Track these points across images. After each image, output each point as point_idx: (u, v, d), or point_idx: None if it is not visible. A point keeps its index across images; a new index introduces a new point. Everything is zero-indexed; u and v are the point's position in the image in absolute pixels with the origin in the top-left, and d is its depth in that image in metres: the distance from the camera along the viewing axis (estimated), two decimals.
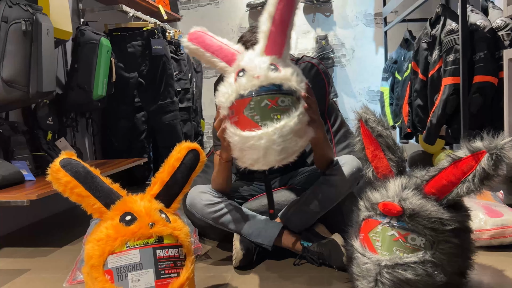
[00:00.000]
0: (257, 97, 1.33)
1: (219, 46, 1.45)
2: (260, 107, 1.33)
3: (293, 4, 1.36)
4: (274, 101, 1.33)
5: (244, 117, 1.35)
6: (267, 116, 1.32)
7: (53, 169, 1.22)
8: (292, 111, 1.34)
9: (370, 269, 1.24)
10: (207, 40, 1.46)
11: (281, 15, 1.35)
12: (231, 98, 1.37)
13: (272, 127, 1.30)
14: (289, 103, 1.35)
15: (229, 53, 1.44)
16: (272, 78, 1.34)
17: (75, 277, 1.57)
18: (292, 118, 1.32)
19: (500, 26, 2.38)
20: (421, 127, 2.91)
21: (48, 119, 2.57)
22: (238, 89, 1.36)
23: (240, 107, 1.35)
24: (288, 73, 1.36)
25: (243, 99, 1.35)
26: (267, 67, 1.35)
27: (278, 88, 1.34)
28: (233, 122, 1.37)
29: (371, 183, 1.39)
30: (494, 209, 1.75)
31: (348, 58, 4.61)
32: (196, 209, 1.71)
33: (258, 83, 1.34)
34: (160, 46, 3.18)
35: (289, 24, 1.38)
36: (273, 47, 1.39)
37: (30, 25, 2.10)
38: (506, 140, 1.17)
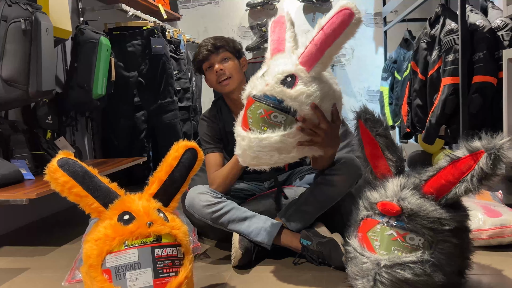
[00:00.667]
0: (257, 102, 1.39)
1: (279, 36, 1.50)
2: (256, 113, 1.39)
3: (344, 24, 1.30)
4: (268, 113, 1.37)
5: (246, 115, 1.43)
6: (257, 124, 1.39)
7: (51, 169, 1.21)
8: (279, 129, 1.36)
9: (369, 269, 1.24)
10: (280, 27, 1.52)
11: (330, 28, 1.31)
12: (246, 92, 1.46)
13: (255, 135, 1.38)
14: (281, 120, 1.36)
15: (278, 47, 1.49)
16: (277, 91, 1.35)
17: (74, 276, 1.57)
18: (275, 136, 1.36)
19: (500, 26, 2.37)
20: (420, 127, 2.91)
21: (47, 118, 2.57)
22: (252, 87, 1.43)
23: (247, 104, 1.44)
24: (297, 92, 1.34)
25: (251, 98, 1.42)
26: (281, 78, 1.36)
27: (278, 103, 1.36)
28: (241, 116, 1.47)
29: (370, 182, 1.40)
30: (493, 209, 1.75)
31: (348, 57, 4.60)
32: (195, 210, 1.71)
33: (264, 90, 1.37)
34: (159, 46, 3.18)
35: (332, 43, 1.32)
36: (306, 58, 1.36)
37: (29, 24, 2.10)
38: (504, 140, 1.17)
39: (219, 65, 1.79)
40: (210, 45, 1.80)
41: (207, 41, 1.84)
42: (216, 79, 1.81)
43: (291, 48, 1.47)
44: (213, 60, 1.80)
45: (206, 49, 1.80)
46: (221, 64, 1.80)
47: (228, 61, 1.81)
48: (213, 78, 1.82)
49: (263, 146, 1.37)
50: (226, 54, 1.82)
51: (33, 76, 2.12)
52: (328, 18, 1.32)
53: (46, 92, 2.22)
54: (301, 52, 1.38)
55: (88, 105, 2.79)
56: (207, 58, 1.81)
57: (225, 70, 1.79)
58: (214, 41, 1.82)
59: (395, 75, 3.69)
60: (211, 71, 1.82)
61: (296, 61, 1.37)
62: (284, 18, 1.54)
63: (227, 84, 1.79)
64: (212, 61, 1.81)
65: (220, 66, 1.79)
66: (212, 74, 1.81)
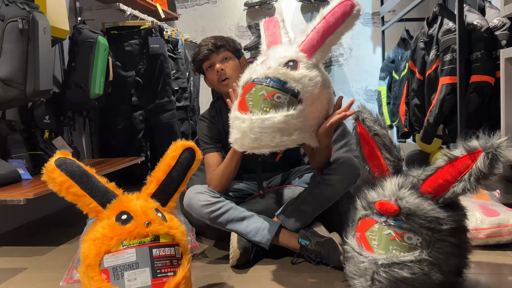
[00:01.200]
0: (259, 85, 1.39)
1: (273, 32, 1.54)
2: (257, 95, 1.38)
3: (346, 15, 1.40)
4: (271, 94, 1.37)
5: (244, 99, 1.42)
6: (258, 105, 1.38)
7: (48, 169, 1.21)
8: (283, 110, 1.36)
9: (367, 268, 1.24)
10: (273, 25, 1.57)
11: (331, 17, 1.40)
12: (245, 78, 1.45)
13: (257, 116, 1.36)
14: (284, 101, 1.37)
15: (275, 40, 1.52)
16: (280, 73, 1.37)
17: (71, 276, 1.57)
18: (278, 115, 1.35)
19: (497, 26, 2.38)
20: (418, 127, 2.92)
21: (45, 117, 2.56)
22: (251, 73, 1.43)
23: (246, 89, 1.43)
24: (300, 74, 1.37)
25: (250, 83, 1.42)
26: (284, 61, 1.39)
27: (281, 84, 1.37)
28: (238, 101, 1.45)
29: (368, 182, 1.40)
30: (491, 208, 1.75)
31: (346, 57, 4.61)
32: (193, 210, 1.71)
33: (267, 72, 1.38)
34: (157, 45, 3.18)
35: (333, 32, 1.41)
36: (308, 45, 1.42)
37: (27, 23, 2.09)
38: (502, 139, 1.17)
39: (220, 65, 1.79)
40: (210, 44, 1.80)
41: (208, 40, 1.83)
42: (216, 78, 1.80)
43: (287, 41, 1.50)
44: (214, 59, 1.80)
45: (207, 48, 1.79)
46: (222, 64, 1.79)
47: (228, 61, 1.81)
48: (214, 78, 1.81)
49: (266, 127, 1.35)
50: (226, 54, 1.81)
51: (30, 76, 2.12)
52: (330, 7, 1.41)
53: (44, 91, 2.21)
54: (301, 40, 1.43)
55: (85, 104, 2.78)
56: (207, 57, 1.80)
57: (226, 69, 1.79)
58: (214, 41, 1.81)
59: (393, 75, 3.69)
60: (212, 71, 1.81)
61: (297, 49, 1.42)
62: (276, 18, 1.59)
63: (227, 84, 1.78)
64: (213, 60, 1.80)
65: (221, 65, 1.79)
66: (213, 74, 1.81)
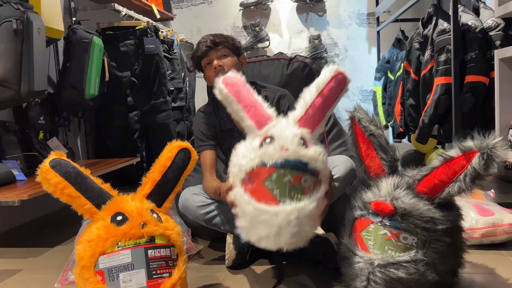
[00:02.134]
0: (281, 170, 1.23)
1: (253, 103, 1.36)
2: (282, 181, 1.23)
3: (341, 88, 1.35)
4: (298, 178, 1.24)
5: (263, 187, 1.24)
6: (288, 193, 1.23)
7: (43, 170, 1.21)
8: (313, 194, 1.25)
9: (363, 268, 1.24)
10: (243, 91, 1.37)
11: (329, 92, 1.33)
12: (252, 163, 1.26)
13: (291, 207, 1.20)
14: (311, 184, 1.26)
15: (261, 114, 1.35)
16: (301, 154, 1.25)
17: (66, 278, 1.56)
18: (312, 201, 1.23)
19: (492, 26, 2.39)
20: (413, 127, 2.92)
21: (39, 118, 2.55)
22: (263, 156, 1.25)
23: (260, 175, 1.25)
24: (316, 152, 1.28)
25: (265, 168, 1.24)
26: (298, 141, 1.27)
27: (304, 166, 1.25)
28: (248, 190, 1.26)
29: (364, 182, 1.40)
30: (486, 208, 1.76)
31: (341, 57, 4.61)
32: (189, 211, 1.70)
33: (286, 155, 1.24)
34: (153, 45, 3.17)
35: (331, 105, 1.35)
36: (308, 121, 1.33)
37: (21, 23, 2.08)
38: (497, 139, 1.18)
39: (218, 61, 1.75)
40: (209, 41, 1.77)
41: (206, 37, 1.80)
42: (214, 75, 1.75)
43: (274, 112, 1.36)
44: (212, 56, 1.77)
45: (205, 45, 1.76)
46: (220, 60, 1.76)
47: (227, 58, 1.78)
48: (212, 75, 1.77)
49: (303, 217, 1.20)
50: (225, 51, 1.77)
51: (25, 76, 2.11)
52: (325, 81, 1.34)
53: (38, 92, 2.20)
54: (299, 114, 1.33)
55: (80, 105, 2.77)
56: (206, 54, 1.77)
57: (224, 66, 1.75)
58: (213, 38, 1.78)
59: (388, 75, 3.70)
60: (210, 68, 1.78)
61: (296, 124, 1.32)
62: (236, 77, 1.40)
63: None
64: (211, 57, 1.76)
65: (219, 62, 1.75)
66: (211, 71, 1.77)
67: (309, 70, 2.08)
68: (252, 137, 1.34)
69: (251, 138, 1.33)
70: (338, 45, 4.60)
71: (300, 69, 2.07)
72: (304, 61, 2.10)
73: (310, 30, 4.60)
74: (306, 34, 4.60)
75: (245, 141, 1.34)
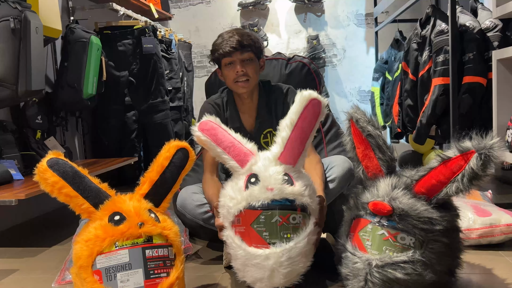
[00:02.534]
0: (268, 211, 1.26)
1: (231, 142, 1.38)
2: (270, 222, 1.26)
3: (317, 115, 1.34)
4: (285, 218, 1.27)
5: (252, 230, 1.27)
6: (277, 234, 1.26)
7: (40, 169, 1.20)
8: (303, 230, 1.28)
9: (360, 269, 1.24)
10: (219, 134, 1.39)
11: (303, 123, 1.33)
12: (239, 206, 1.29)
13: (281, 248, 1.24)
14: (299, 221, 1.29)
15: (242, 152, 1.37)
16: (286, 193, 1.27)
17: (64, 278, 1.56)
18: (302, 239, 1.26)
19: (489, 28, 2.40)
20: (411, 127, 2.93)
21: (37, 118, 2.55)
22: (249, 198, 1.28)
23: (248, 218, 1.28)
24: (302, 187, 1.30)
25: (253, 210, 1.27)
26: (282, 178, 1.29)
27: (290, 203, 1.28)
28: (238, 232, 1.30)
29: (361, 182, 1.40)
30: (483, 209, 1.76)
31: (339, 58, 4.62)
32: (187, 210, 1.70)
33: (271, 196, 1.27)
34: (151, 45, 3.16)
35: (309, 135, 1.35)
36: (289, 155, 1.34)
37: (18, 22, 2.08)
38: (494, 140, 1.18)
39: (241, 67, 1.66)
40: (235, 42, 1.65)
41: (232, 35, 1.68)
42: (234, 78, 1.68)
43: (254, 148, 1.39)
44: (236, 57, 1.66)
45: (231, 45, 1.65)
46: (243, 66, 1.67)
47: (250, 63, 1.69)
48: (231, 76, 1.69)
49: (294, 256, 1.24)
50: (249, 55, 1.68)
51: (22, 76, 2.10)
52: (297, 112, 1.33)
53: (36, 91, 2.19)
54: (278, 151, 1.34)
55: (78, 104, 2.76)
56: (229, 55, 1.66)
57: (247, 71, 1.67)
58: (240, 38, 1.66)
59: (386, 76, 3.71)
60: (230, 68, 1.68)
61: (278, 161, 1.33)
62: (211, 122, 1.41)
63: (244, 86, 1.68)
64: (234, 58, 1.66)
65: (242, 68, 1.66)
66: (231, 72, 1.68)
67: (307, 70, 2.08)
68: (236, 176, 1.36)
69: (236, 178, 1.36)
70: (336, 45, 4.61)
71: (299, 69, 2.07)
72: (302, 61, 2.10)
73: (308, 31, 4.61)
74: (304, 34, 4.61)
75: (231, 181, 1.37)
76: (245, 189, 1.30)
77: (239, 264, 1.31)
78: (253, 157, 1.36)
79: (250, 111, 1.78)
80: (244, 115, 1.78)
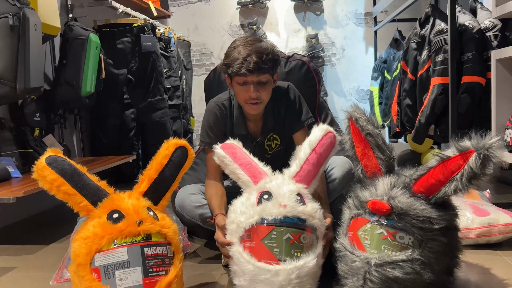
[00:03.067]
0: (280, 228, 1.27)
1: (248, 161, 1.44)
2: (282, 239, 1.27)
3: (332, 145, 1.46)
4: (297, 236, 1.28)
5: (262, 245, 1.27)
6: (287, 252, 1.26)
7: (39, 167, 1.20)
8: (312, 251, 1.30)
9: (359, 267, 1.25)
10: (239, 153, 1.46)
11: (321, 149, 1.43)
12: (252, 220, 1.29)
13: (291, 265, 1.24)
14: (310, 241, 1.31)
15: (257, 171, 1.42)
16: (299, 211, 1.30)
17: (62, 275, 1.56)
18: (312, 259, 1.28)
19: (488, 27, 2.40)
20: (409, 127, 2.93)
21: (35, 115, 2.54)
22: (262, 213, 1.29)
23: (260, 233, 1.28)
24: (313, 209, 1.33)
25: (265, 225, 1.28)
26: (295, 197, 1.32)
27: (302, 223, 1.30)
28: (248, 248, 1.29)
29: (360, 181, 1.40)
30: (481, 208, 1.76)
31: (338, 57, 4.62)
32: (186, 211, 1.69)
33: (284, 212, 1.28)
34: (149, 43, 3.16)
35: (324, 161, 1.45)
36: (304, 176, 1.40)
37: (17, 20, 2.07)
38: (493, 139, 1.18)
39: (255, 90, 1.59)
40: (252, 64, 1.53)
41: (250, 53, 1.55)
42: (246, 98, 1.62)
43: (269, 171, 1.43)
44: (251, 79, 1.57)
45: (247, 67, 1.54)
46: (257, 89, 1.59)
47: (265, 86, 1.61)
48: (242, 96, 1.62)
49: (304, 275, 1.25)
50: (266, 77, 1.59)
51: (20, 73, 2.09)
52: (317, 139, 1.44)
53: (34, 89, 2.19)
54: (295, 170, 1.41)
55: (76, 102, 2.76)
56: (245, 75, 1.56)
57: (261, 95, 1.61)
58: (258, 60, 1.54)
59: (385, 75, 3.71)
60: (243, 87, 1.61)
61: (292, 180, 1.38)
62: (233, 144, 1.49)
63: (255, 109, 1.64)
64: (249, 79, 1.58)
65: (256, 91, 1.59)
66: (243, 92, 1.61)
67: (306, 68, 2.08)
68: (248, 192, 1.39)
69: (248, 193, 1.38)
70: (335, 44, 4.61)
71: (298, 68, 2.07)
72: (302, 60, 2.09)
73: (307, 29, 4.61)
74: (303, 33, 4.60)
75: (242, 197, 1.39)
76: (257, 205, 1.32)
77: (246, 280, 1.29)
78: (267, 176, 1.41)
79: (257, 119, 1.75)
80: (250, 119, 1.75)
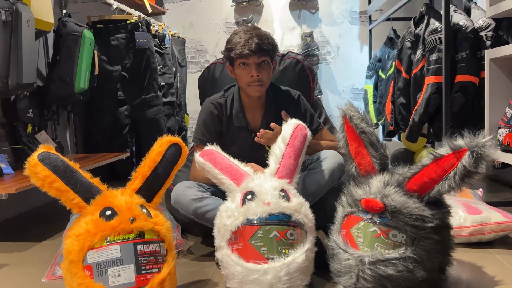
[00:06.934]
0: (265, 226, 1.27)
1: (228, 164, 1.44)
2: (268, 237, 1.26)
3: (305, 136, 1.48)
4: (283, 233, 1.27)
5: (250, 246, 1.27)
6: (275, 249, 1.26)
7: (31, 163, 1.19)
8: (300, 246, 1.29)
9: (352, 265, 1.25)
10: (218, 158, 1.46)
11: (295, 141, 1.45)
12: (237, 222, 1.29)
13: (280, 263, 1.23)
14: (297, 237, 1.29)
15: (238, 172, 1.42)
16: (284, 207, 1.30)
17: (54, 272, 1.55)
18: (300, 255, 1.26)
19: (482, 27, 2.41)
20: (403, 125, 2.94)
21: (28, 111, 2.52)
22: (247, 213, 1.29)
23: (246, 234, 1.28)
24: (298, 204, 1.33)
25: (250, 225, 1.28)
26: (278, 193, 1.32)
27: (287, 218, 1.29)
28: (235, 250, 1.29)
29: (354, 179, 1.40)
30: (474, 207, 1.77)
31: (333, 55, 4.62)
32: (181, 205, 1.69)
33: (269, 210, 1.28)
34: (144, 40, 3.14)
35: (301, 153, 1.46)
36: (284, 171, 1.40)
37: (10, 15, 2.05)
38: (486, 138, 1.19)
39: (256, 71, 1.66)
40: (254, 45, 1.62)
41: (251, 36, 1.64)
42: (247, 81, 1.68)
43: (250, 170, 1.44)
44: (252, 60, 1.66)
45: (249, 48, 1.62)
46: (258, 70, 1.66)
47: (265, 67, 1.69)
48: (244, 78, 1.69)
49: (293, 271, 1.24)
50: (266, 58, 1.68)
51: (13, 69, 2.08)
52: (289, 134, 1.46)
53: (27, 85, 2.17)
54: (274, 167, 1.42)
55: (70, 99, 2.74)
56: (246, 57, 1.65)
57: (262, 76, 1.67)
58: (259, 42, 1.64)
59: (380, 74, 3.72)
60: (244, 69, 1.68)
61: (274, 177, 1.39)
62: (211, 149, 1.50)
63: (258, 90, 1.70)
64: (251, 61, 1.66)
65: (258, 72, 1.66)
66: (245, 74, 1.68)
67: (301, 67, 2.08)
68: (232, 196, 1.39)
69: (232, 197, 1.39)
70: (330, 42, 4.61)
71: (292, 66, 2.07)
72: (296, 58, 2.10)
73: (302, 27, 4.61)
74: (298, 31, 4.60)
75: (227, 202, 1.39)
76: (241, 206, 1.32)
77: (236, 282, 1.29)
78: (249, 176, 1.40)
79: (256, 109, 1.79)
80: (250, 112, 1.79)
